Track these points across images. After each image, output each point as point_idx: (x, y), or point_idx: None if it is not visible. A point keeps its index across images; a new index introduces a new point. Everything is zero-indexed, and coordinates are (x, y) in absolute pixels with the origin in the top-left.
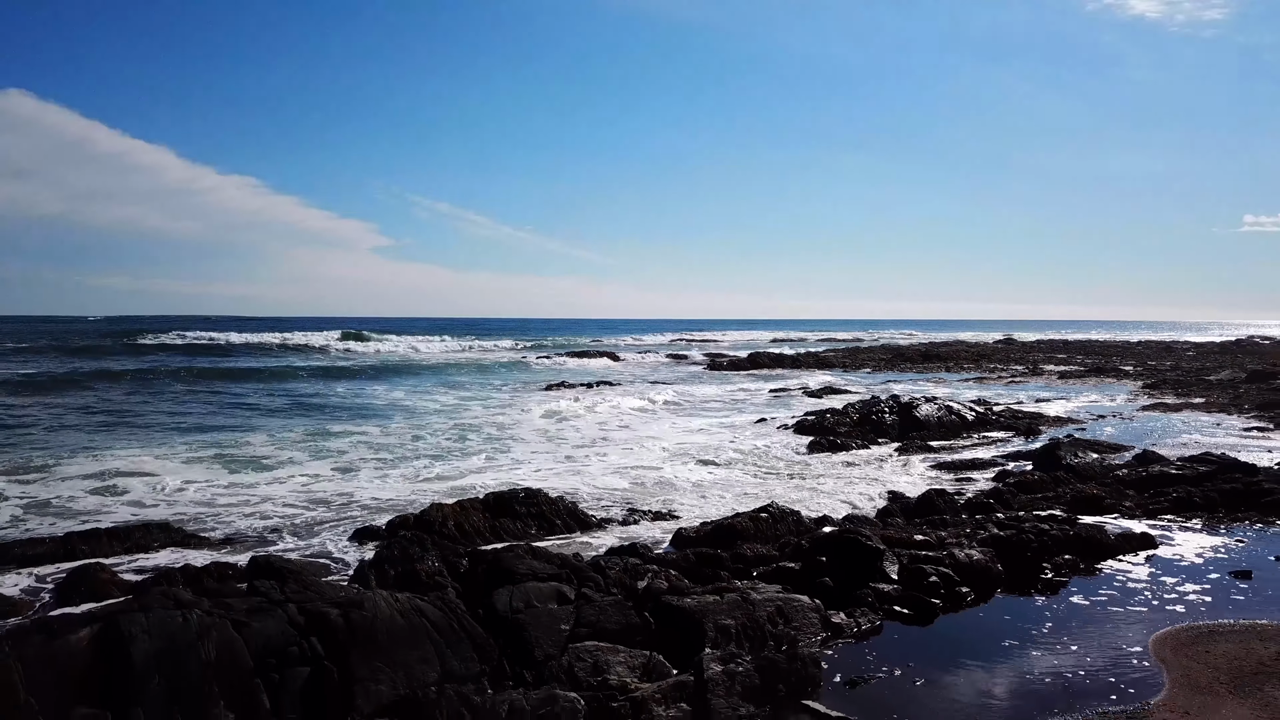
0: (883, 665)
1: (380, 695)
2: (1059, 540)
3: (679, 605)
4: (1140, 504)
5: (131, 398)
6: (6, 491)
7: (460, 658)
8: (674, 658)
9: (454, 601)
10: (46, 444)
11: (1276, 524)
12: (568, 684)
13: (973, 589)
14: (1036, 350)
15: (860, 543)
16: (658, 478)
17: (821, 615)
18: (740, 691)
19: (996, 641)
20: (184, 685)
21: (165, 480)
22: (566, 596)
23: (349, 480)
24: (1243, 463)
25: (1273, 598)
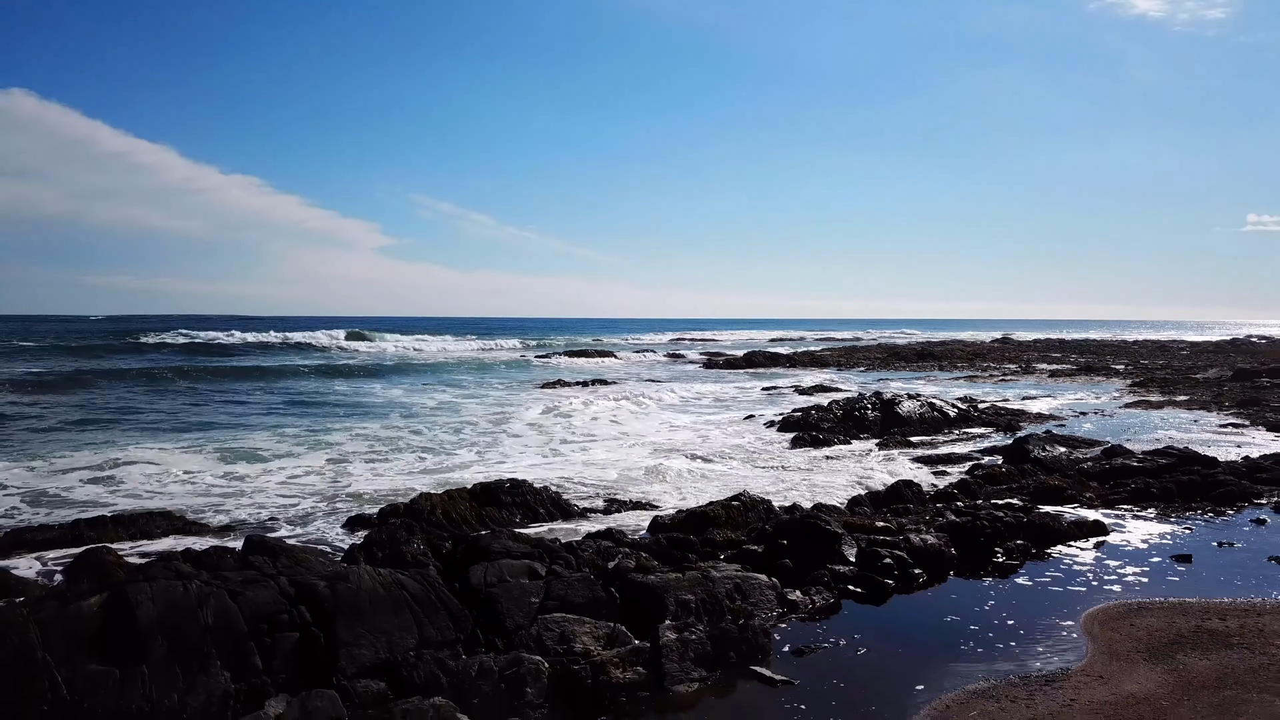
0: (831, 637)
1: (363, 658)
2: (1012, 527)
3: (642, 581)
4: (1100, 494)
5: (134, 396)
6: (16, 483)
7: (437, 626)
8: (637, 630)
9: (432, 576)
10: (53, 440)
11: (1227, 513)
12: (536, 651)
13: (926, 571)
14: (1032, 349)
15: (819, 527)
16: (642, 471)
17: (778, 592)
18: (693, 657)
19: (940, 618)
20: (184, 646)
21: (167, 473)
22: (537, 572)
23: (344, 473)
24: (1203, 456)
25: (1207, 579)
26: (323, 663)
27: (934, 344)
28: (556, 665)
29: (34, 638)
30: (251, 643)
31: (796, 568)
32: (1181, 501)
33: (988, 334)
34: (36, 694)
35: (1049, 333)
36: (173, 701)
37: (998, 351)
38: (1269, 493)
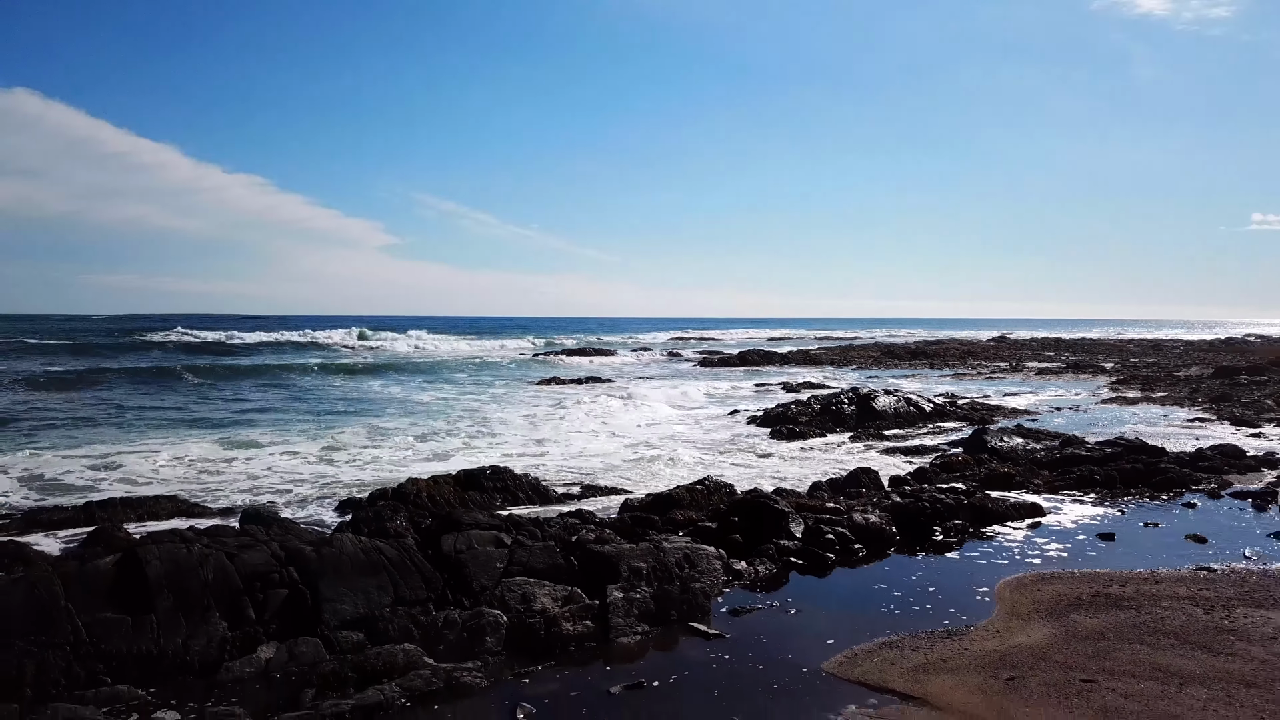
0: (769, 601)
1: (344, 613)
2: (951, 508)
3: (598, 550)
4: (1048, 481)
5: (139, 393)
6: (31, 471)
7: (411, 587)
8: (593, 593)
9: (408, 544)
10: (61, 433)
11: (1162, 498)
12: (499, 609)
13: (867, 547)
14: (1026, 348)
15: (769, 506)
16: (622, 461)
17: (724, 562)
18: (637, 614)
19: (871, 585)
20: (187, 599)
21: (171, 463)
22: (503, 542)
23: (339, 463)
24: (1150, 446)
25: (1123, 554)
26: (308, 616)
27: (930, 343)
28: (514, 619)
29: (58, 589)
30: (246, 597)
31: (746, 542)
32: (1123, 488)
33: (989, 333)
34: (60, 636)
35: (1053, 332)
36: (177, 645)
37: (992, 350)
38: (1207, 480)
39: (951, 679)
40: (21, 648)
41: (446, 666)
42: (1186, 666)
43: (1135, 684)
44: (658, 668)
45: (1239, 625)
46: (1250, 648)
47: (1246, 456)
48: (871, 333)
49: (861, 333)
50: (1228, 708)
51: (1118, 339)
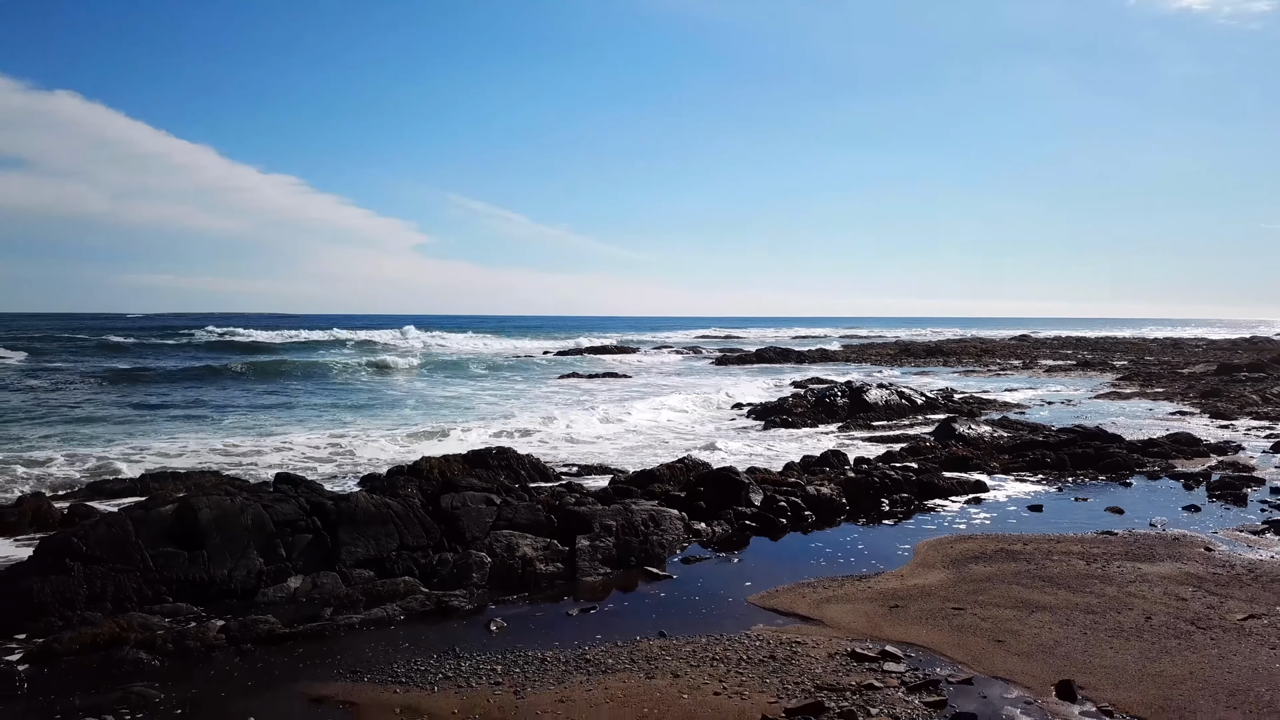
0: (719, 554)
1: (357, 554)
2: (898, 483)
3: (575, 509)
4: (1004, 464)
5: (179, 388)
6: (93, 455)
7: (413, 535)
8: (569, 544)
9: (412, 501)
10: (115, 424)
11: (1100, 479)
12: (486, 554)
13: (818, 515)
14: (1045, 347)
15: (730, 477)
16: (623, 446)
17: (685, 523)
18: (601, 558)
19: (812, 545)
20: (232, 538)
21: (212, 445)
22: (493, 501)
23: (364, 445)
24: (1105, 433)
25: (1043, 522)
26: (328, 555)
27: (950, 341)
28: (498, 561)
29: (130, 528)
30: (278, 539)
31: (709, 508)
32: (1072, 469)
33: (1020, 331)
34: (133, 564)
35: (1090, 331)
36: (223, 574)
37: (1010, 349)
38: (1152, 464)
39: (846, 607)
40: (103, 571)
41: (438, 593)
42: (1044, 599)
43: (995, 610)
44: (611, 598)
45: (1109, 572)
46: (1107, 588)
47: (1200, 444)
48: (898, 332)
49: (889, 331)
50: (1060, 626)
51: (1140, 338)
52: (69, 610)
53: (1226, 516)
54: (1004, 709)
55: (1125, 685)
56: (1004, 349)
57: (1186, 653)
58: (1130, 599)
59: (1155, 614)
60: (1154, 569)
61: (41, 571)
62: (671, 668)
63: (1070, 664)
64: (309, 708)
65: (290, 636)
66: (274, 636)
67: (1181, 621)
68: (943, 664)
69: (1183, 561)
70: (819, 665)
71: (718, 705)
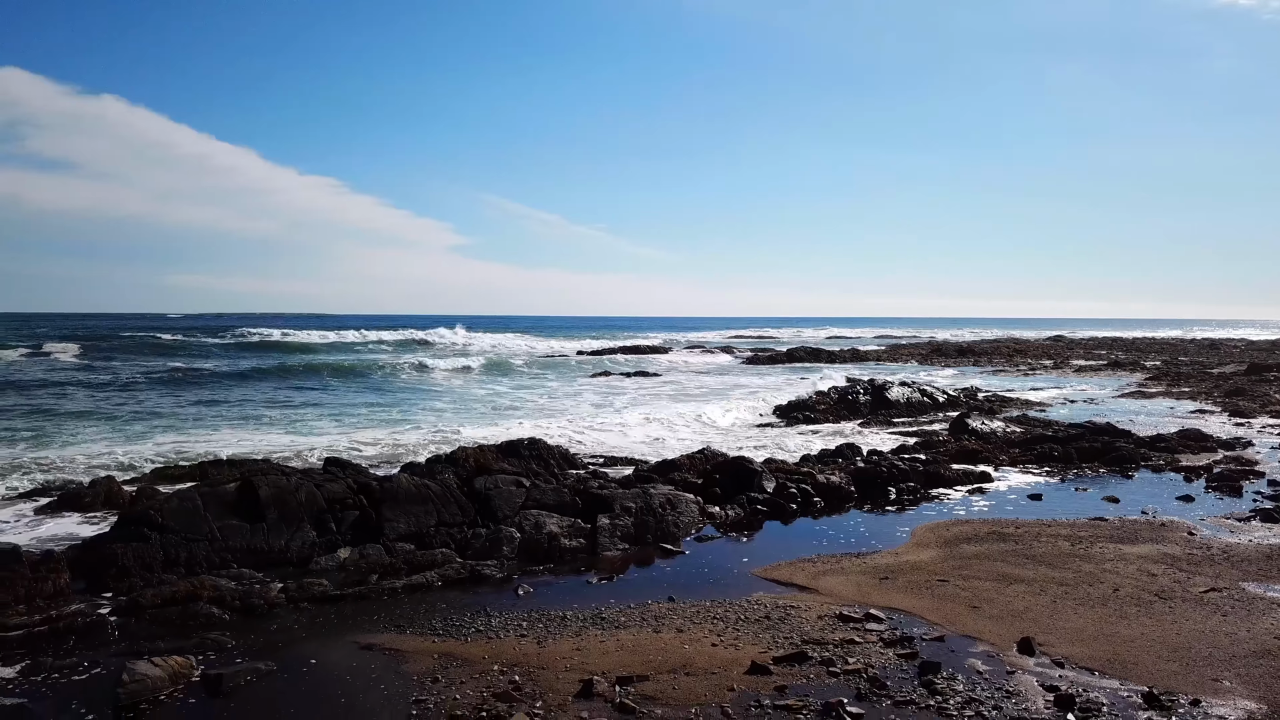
0: (730, 535)
1: (399, 529)
2: (905, 472)
3: (596, 492)
4: (1013, 457)
5: (229, 386)
6: (151, 445)
7: (449, 513)
8: (591, 523)
9: (449, 482)
10: (169, 418)
11: (1102, 471)
12: (515, 530)
13: (827, 501)
14: (1079, 347)
15: (744, 465)
16: (649, 438)
17: (700, 507)
18: (619, 535)
19: (818, 528)
20: (288, 513)
21: (262, 438)
22: (523, 484)
23: (404, 436)
24: (1114, 428)
25: (1040, 509)
26: (373, 530)
27: (983, 341)
28: (526, 536)
29: (199, 503)
30: (328, 515)
31: (724, 494)
32: (1078, 463)
33: (1053, 331)
34: (201, 533)
35: (1122, 332)
36: (281, 544)
37: (1042, 349)
38: (1157, 458)
39: (840, 578)
40: (176, 540)
41: (472, 563)
42: (1024, 574)
43: (975, 582)
44: (627, 570)
45: (1090, 552)
46: (1084, 565)
47: (1209, 439)
48: (937, 332)
49: (927, 332)
50: (1033, 596)
51: (1179, 338)
52: (148, 572)
53: (1218, 506)
54: (967, 660)
55: (1080, 643)
56: (1037, 349)
57: (1144, 619)
58: (1104, 574)
59: (1123, 587)
60: (1134, 550)
61: (124, 539)
62: (676, 625)
63: (1035, 626)
64: (359, 654)
65: (341, 598)
66: (327, 597)
67: (1146, 593)
68: (920, 625)
69: (1163, 544)
70: (808, 625)
71: (713, 654)
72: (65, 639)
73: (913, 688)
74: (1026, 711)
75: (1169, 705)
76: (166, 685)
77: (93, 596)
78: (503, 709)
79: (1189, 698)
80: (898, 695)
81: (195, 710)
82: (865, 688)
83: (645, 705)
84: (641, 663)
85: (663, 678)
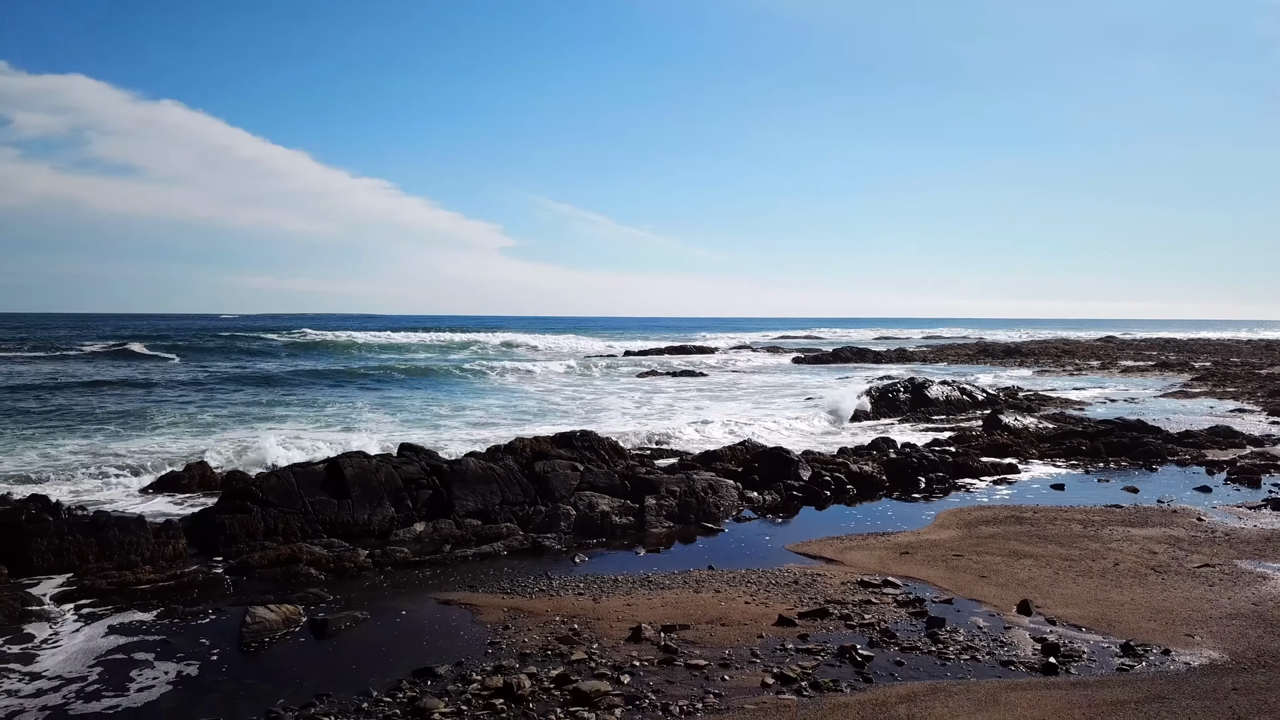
0: (764, 516)
1: (467, 506)
2: (934, 463)
3: (644, 476)
4: (1043, 450)
5: (304, 387)
6: (235, 437)
7: (512, 492)
8: (639, 503)
9: (511, 465)
10: (240, 413)
11: (1122, 463)
12: (571, 508)
13: (860, 489)
14: (1129, 348)
15: (782, 455)
16: (693, 434)
17: (740, 491)
18: (664, 514)
19: (849, 511)
20: (369, 491)
21: (339, 431)
22: (576, 468)
23: (464, 429)
24: (1142, 424)
25: (1061, 497)
26: (445, 506)
27: (1031, 342)
28: (581, 514)
29: (293, 481)
30: (405, 493)
31: (762, 481)
32: (1106, 456)
33: (1100, 332)
34: (295, 506)
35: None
36: (364, 518)
37: (1091, 349)
38: (1183, 453)
39: (865, 553)
40: (275, 513)
41: (533, 535)
42: (1034, 551)
43: (987, 557)
44: (672, 545)
45: (1099, 534)
46: (1092, 544)
47: (1238, 436)
48: (977, 332)
49: (968, 332)
50: (1038, 569)
51: (1235, 339)
52: (251, 539)
53: (1234, 496)
54: (970, 618)
55: (1074, 606)
56: (1085, 350)
57: (1135, 588)
58: (1108, 552)
59: (1123, 562)
60: (1141, 532)
61: (230, 511)
62: (714, 587)
63: (1035, 592)
64: (440, 608)
65: (419, 563)
66: (407, 562)
67: (1143, 567)
68: (932, 591)
69: (1170, 527)
70: (832, 589)
71: (746, 609)
72: (189, 592)
73: (919, 638)
74: (1016, 656)
75: (1141, 654)
76: (280, 628)
77: (205, 559)
78: (564, 649)
79: (1161, 648)
80: (904, 643)
81: (305, 647)
82: (877, 637)
83: (685, 647)
84: (683, 615)
85: (701, 627)
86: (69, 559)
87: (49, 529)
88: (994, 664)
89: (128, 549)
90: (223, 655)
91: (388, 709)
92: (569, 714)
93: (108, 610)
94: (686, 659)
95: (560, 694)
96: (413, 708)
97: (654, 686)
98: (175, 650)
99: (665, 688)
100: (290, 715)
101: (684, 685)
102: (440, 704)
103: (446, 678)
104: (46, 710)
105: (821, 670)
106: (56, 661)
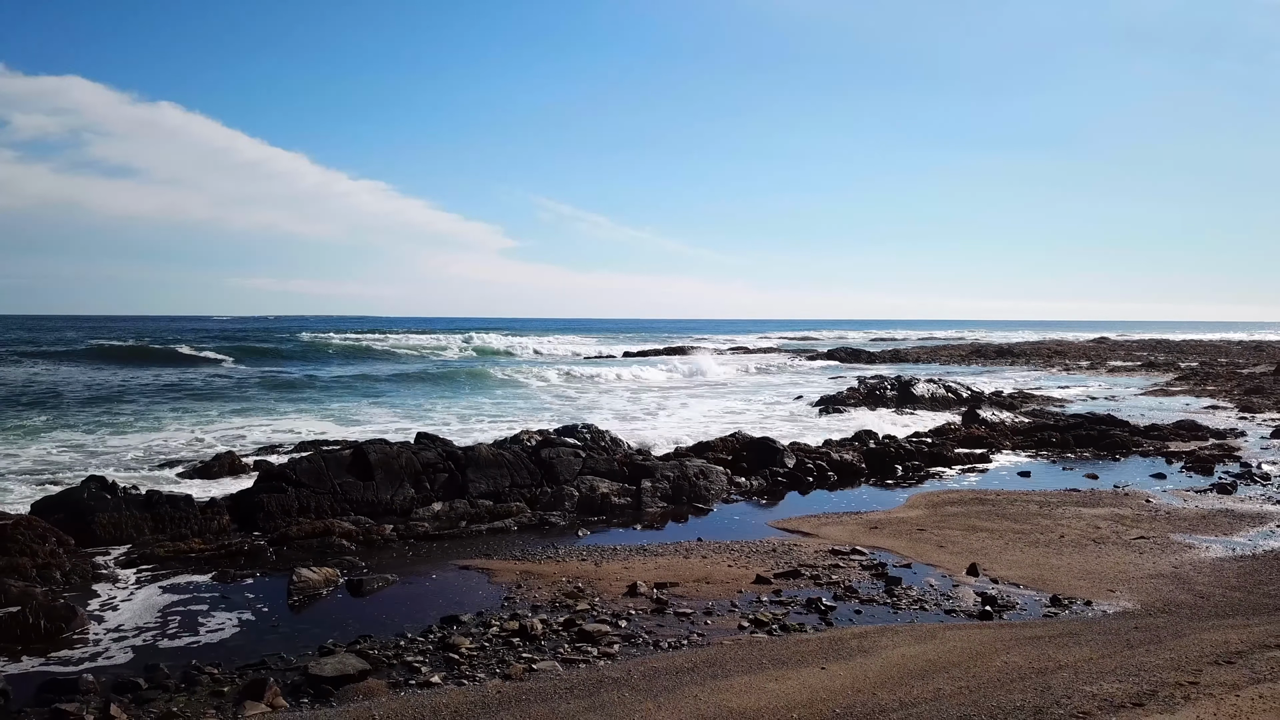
0: (751, 499)
1: (480, 488)
2: (910, 452)
3: (640, 462)
4: (1016, 443)
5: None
6: (260, 427)
7: (520, 476)
8: (636, 486)
9: (519, 451)
10: (244, 408)
11: (1089, 454)
12: (574, 490)
13: (840, 476)
14: (1120, 349)
15: (769, 444)
16: (689, 428)
17: (729, 477)
18: (659, 496)
19: (829, 496)
20: (391, 474)
21: (359, 431)
22: (579, 454)
23: (475, 421)
24: (1110, 418)
25: (1026, 484)
26: (459, 488)
27: (1024, 343)
28: (583, 495)
29: (323, 464)
30: (424, 476)
31: (749, 468)
32: (1075, 448)
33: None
34: (325, 487)
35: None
36: (387, 498)
37: (1082, 350)
38: (1148, 445)
39: (838, 528)
40: (306, 493)
41: (541, 513)
42: (990, 526)
43: (947, 531)
44: (665, 522)
45: (1053, 512)
46: (1043, 520)
47: (1201, 429)
48: (973, 333)
49: (965, 333)
50: (991, 540)
51: (1226, 340)
52: (286, 516)
53: (1185, 482)
54: (925, 579)
55: (1015, 569)
56: (1077, 350)
57: (1074, 555)
58: (1056, 527)
59: (1068, 535)
60: (1091, 511)
61: (267, 490)
62: (701, 554)
63: (985, 559)
64: (459, 572)
65: (439, 536)
66: (428, 535)
67: (1086, 540)
68: (895, 558)
69: (1119, 507)
70: (805, 556)
71: (728, 571)
72: (236, 559)
73: (878, 593)
74: (958, 606)
75: (1067, 604)
76: (321, 586)
77: (247, 533)
78: (570, 601)
79: (1084, 600)
80: (864, 597)
81: (344, 603)
82: (841, 593)
83: (675, 600)
84: (673, 575)
85: (688, 585)
86: (126, 532)
87: (108, 505)
88: (939, 612)
89: (178, 523)
90: (273, 608)
91: (422, 645)
92: (576, 649)
93: (167, 574)
94: (675, 609)
95: (568, 634)
96: (443, 644)
97: (647, 629)
98: (233, 604)
99: (657, 630)
100: (341, 649)
101: (673, 628)
102: (466, 641)
103: (470, 623)
104: (136, 648)
105: (791, 617)
106: (132, 613)
